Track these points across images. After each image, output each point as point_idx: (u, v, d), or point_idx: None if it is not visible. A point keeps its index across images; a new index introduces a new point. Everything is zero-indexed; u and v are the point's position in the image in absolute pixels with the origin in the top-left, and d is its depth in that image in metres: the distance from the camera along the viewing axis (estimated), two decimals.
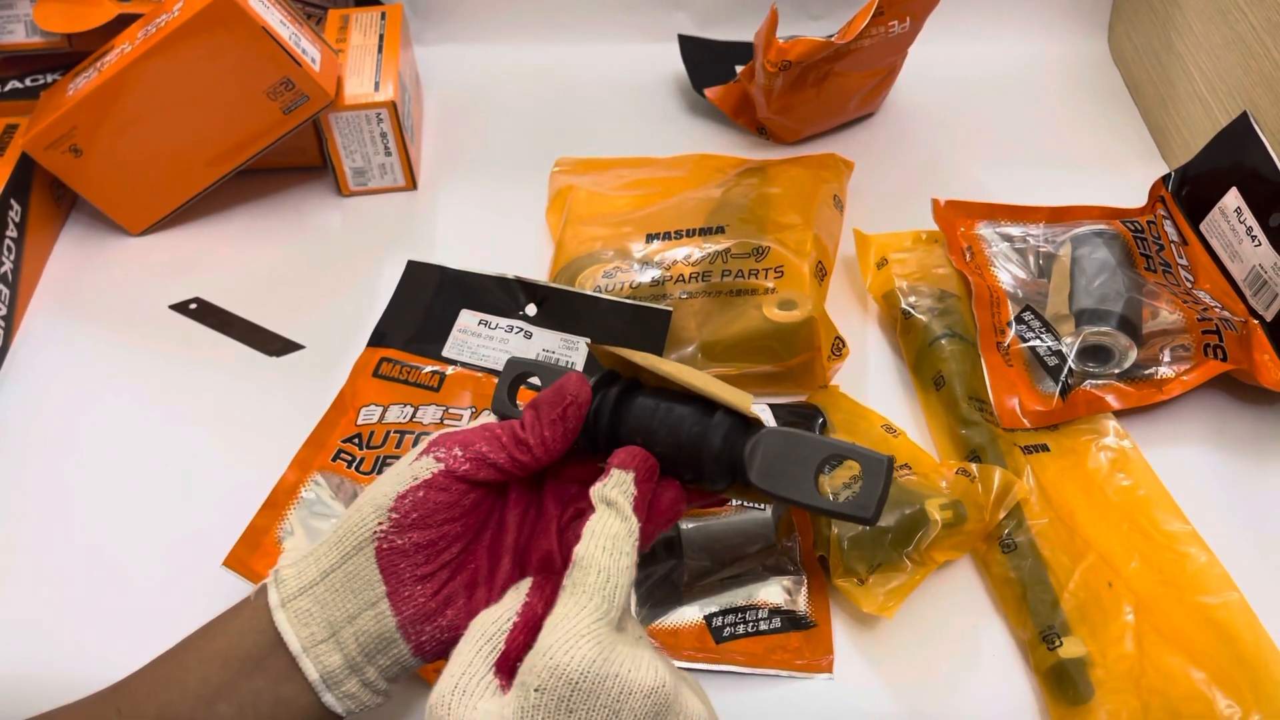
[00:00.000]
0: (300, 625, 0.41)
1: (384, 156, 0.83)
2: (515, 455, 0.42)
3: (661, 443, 0.43)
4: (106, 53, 0.77)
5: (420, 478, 0.42)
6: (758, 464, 0.41)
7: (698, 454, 0.42)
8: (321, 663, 0.41)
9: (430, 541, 0.42)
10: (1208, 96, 0.82)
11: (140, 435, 0.68)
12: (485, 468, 0.42)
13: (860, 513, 0.39)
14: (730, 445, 0.42)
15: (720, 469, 0.42)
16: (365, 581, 0.41)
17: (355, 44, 0.86)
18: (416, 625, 0.42)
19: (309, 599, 0.41)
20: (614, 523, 0.39)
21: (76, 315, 0.76)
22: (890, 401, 0.69)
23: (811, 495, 0.40)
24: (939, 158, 0.89)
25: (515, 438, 0.43)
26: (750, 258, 0.70)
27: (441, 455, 0.42)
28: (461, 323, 0.68)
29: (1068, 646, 0.54)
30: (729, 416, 0.42)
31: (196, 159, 0.79)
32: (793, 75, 0.81)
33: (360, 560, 0.41)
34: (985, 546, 0.60)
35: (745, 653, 0.57)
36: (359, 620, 0.41)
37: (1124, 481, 0.63)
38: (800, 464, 0.40)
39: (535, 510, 0.46)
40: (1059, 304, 0.70)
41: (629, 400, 0.44)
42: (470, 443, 0.43)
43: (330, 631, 0.41)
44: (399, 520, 0.41)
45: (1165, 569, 0.59)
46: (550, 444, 0.43)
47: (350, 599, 0.41)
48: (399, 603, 0.41)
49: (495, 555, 0.45)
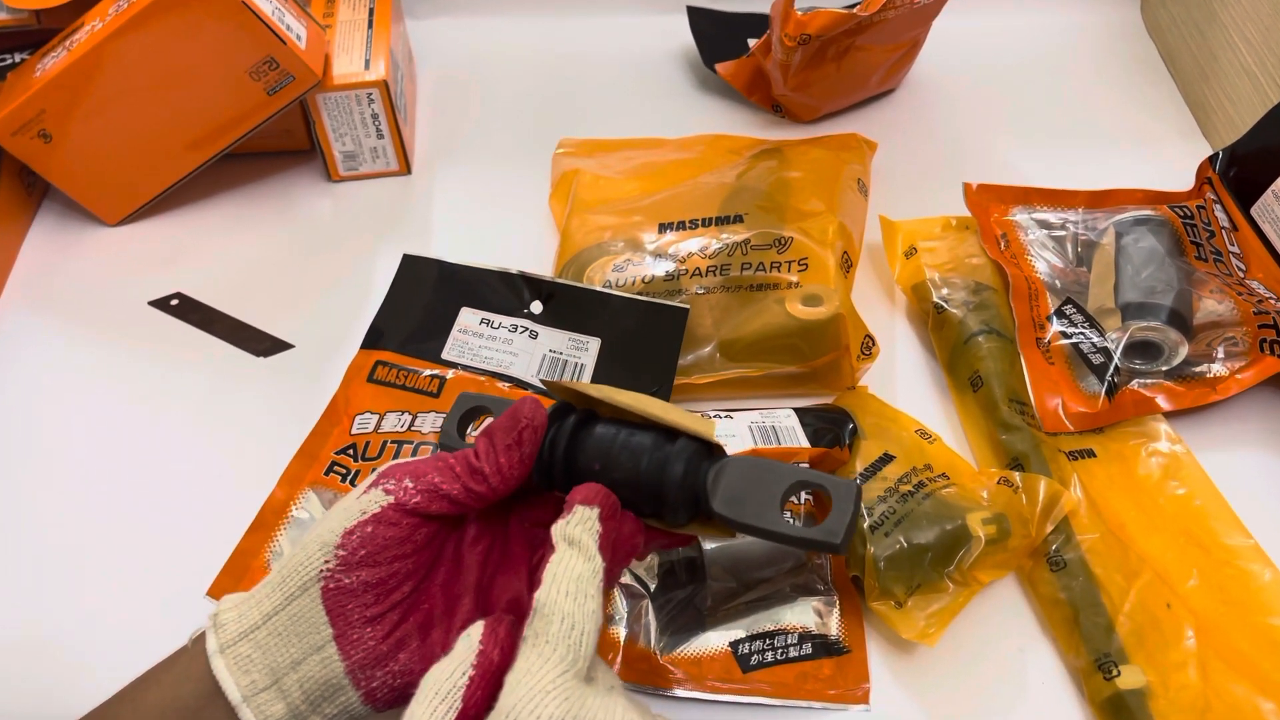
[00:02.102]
0: (240, 673, 0.38)
1: (376, 139, 0.78)
2: (470, 486, 0.40)
3: (622, 470, 0.40)
4: (76, 30, 0.72)
5: (369, 512, 0.39)
6: (721, 492, 0.40)
7: (659, 482, 0.40)
8: (263, 712, 0.38)
9: (380, 580, 0.39)
10: (1256, 70, 0.76)
11: (116, 445, 0.63)
12: (438, 500, 0.39)
13: (829, 539, 0.38)
14: (693, 472, 0.40)
15: (683, 498, 0.40)
16: (311, 624, 0.38)
17: (343, 19, 0.80)
18: (366, 670, 0.39)
19: (250, 644, 0.39)
20: (577, 563, 0.37)
21: (49, 312, 0.72)
22: (923, 404, 0.65)
23: (777, 523, 0.39)
24: (965, 136, 0.84)
25: (470, 467, 0.40)
26: (771, 249, 0.65)
27: (391, 487, 0.39)
28: (462, 322, 0.64)
29: (1126, 676, 0.50)
30: (691, 443, 0.41)
31: (175, 144, 0.74)
32: (812, 49, 0.76)
33: (305, 601, 0.38)
34: (1031, 564, 0.56)
35: (774, 682, 0.53)
36: (304, 666, 0.39)
37: (1178, 490, 0.59)
38: (765, 491, 0.39)
39: (500, 548, 0.43)
40: (1103, 296, 0.65)
41: (586, 429, 0.42)
42: (422, 474, 0.40)
43: (273, 679, 0.38)
44: (346, 558, 0.38)
45: (1227, 587, 0.54)
46: (507, 472, 0.40)
47: (295, 643, 0.39)
48: (347, 646, 0.39)
49: (453, 594, 0.42)
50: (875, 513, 0.55)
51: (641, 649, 0.53)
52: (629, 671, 0.52)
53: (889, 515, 0.54)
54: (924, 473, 0.57)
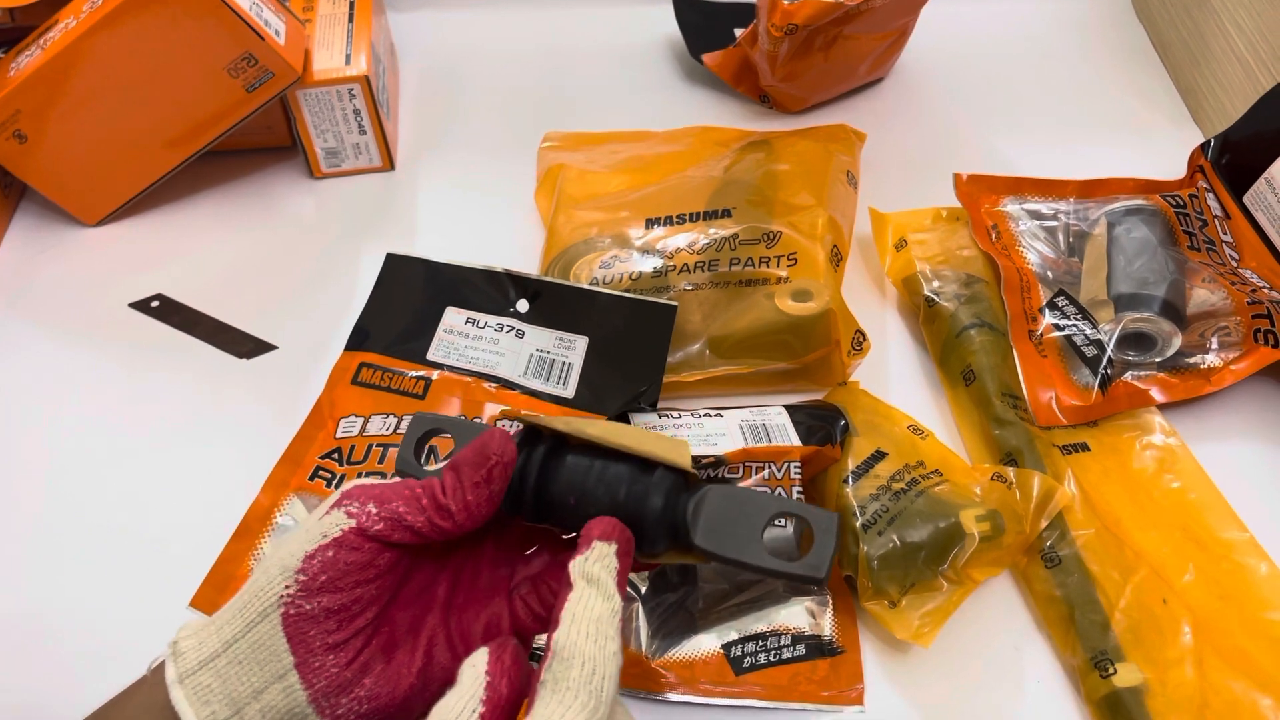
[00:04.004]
0: (200, 703, 0.37)
1: (358, 135, 0.77)
2: (435, 521, 0.38)
3: (598, 504, 0.39)
4: (50, 28, 0.71)
5: (330, 535, 0.38)
6: (701, 524, 0.39)
7: (639, 515, 0.39)
8: None
9: (342, 606, 0.38)
10: (1248, 56, 0.76)
11: (96, 450, 0.62)
12: (401, 530, 0.38)
13: (812, 573, 0.38)
14: (673, 505, 0.39)
15: (662, 530, 0.39)
16: (271, 652, 0.37)
17: (323, 13, 0.79)
18: (330, 698, 0.38)
19: (209, 673, 0.37)
20: (597, 603, 0.36)
21: (27, 315, 0.70)
22: (915, 399, 0.64)
23: (759, 556, 0.38)
24: (954, 125, 0.83)
25: (436, 502, 0.39)
26: (760, 243, 0.65)
27: (354, 511, 0.38)
28: (447, 321, 0.63)
29: (1123, 674, 0.50)
30: (669, 474, 0.40)
31: (154, 142, 0.73)
32: (799, 39, 0.75)
33: (266, 628, 0.37)
34: (1026, 561, 0.56)
35: (767, 684, 0.52)
36: (265, 695, 0.37)
37: (1173, 484, 0.58)
38: (746, 523, 0.39)
39: (471, 570, 0.42)
40: (1095, 288, 0.65)
41: (558, 459, 0.41)
42: (386, 500, 0.39)
43: (234, 709, 0.37)
44: (307, 583, 0.37)
45: (1223, 582, 0.54)
46: (474, 509, 0.39)
47: (256, 671, 0.37)
48: (309, 674, 0.37)
49: (418, 613, 0.41)
50: (868, 511, 0.54)
51: (633, 653, 0.52)
52: (621, 676, 0.52)
53: (882, 513, 0.54)
54: (917, 469, 0.56)
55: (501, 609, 0.41)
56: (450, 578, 0.42)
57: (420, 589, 0.41)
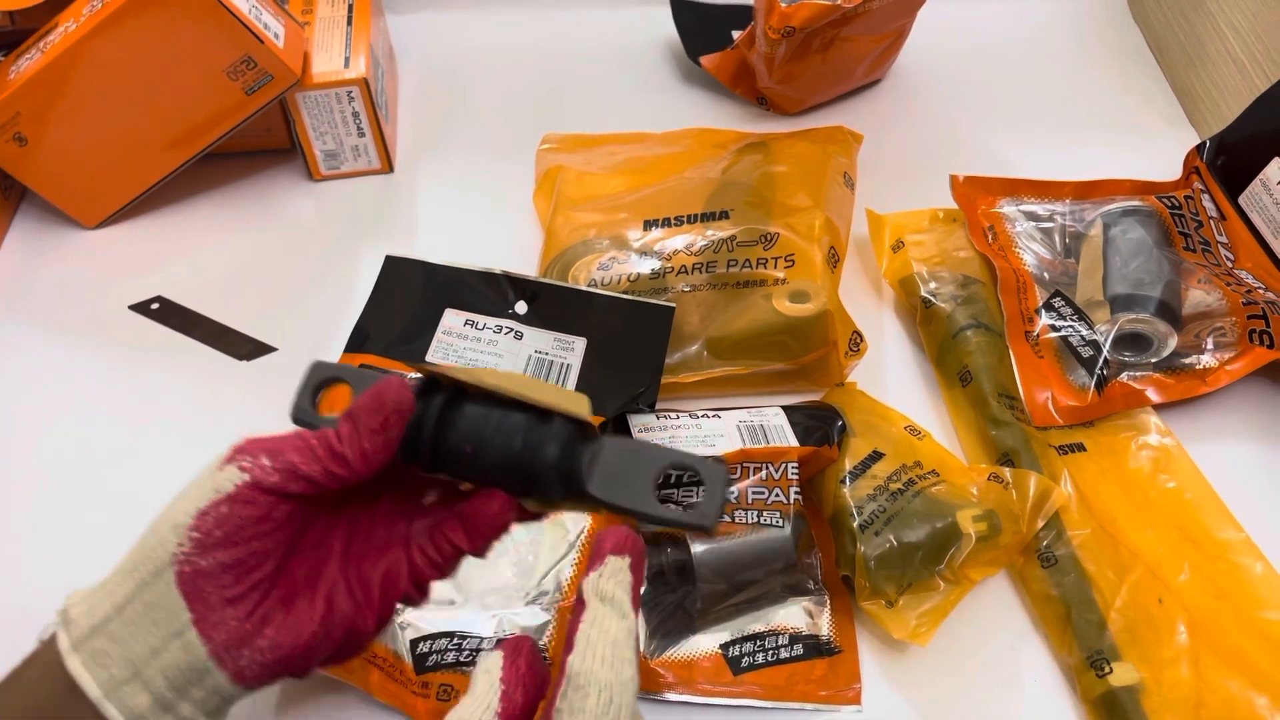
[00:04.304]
0: (97, 668, 0.37)
1: (357, 138, 0.77)
2: (331, 469, 0.38)
3: (495, 453, 0.39)
4: (50, 31, 0.71)
5: (223, 491, 0.37)
6: (596, 474, 0.40)
7: (534, 463, 0.39)
8: (126, 706, 0.37)
9: (238, 560, 0.37)
10: (1243, 57, 0.76)
11: (97, 452, 0.62)
12: (296, 480, 0.38)
13: (701, 522, 0.38)
14: (568, 455, 0.39)
15: (557, 479, 0.40)
16: (167, 611, 0.37)
17: (322, 16, 0.79)
18: (231, 651, 0.37)
19: (103, 638, 0.37)
20: (612, 624, 0.36)
21: (27, 317, 0.71)
22: (912, 399, 0.64)
23: (651, 505, 0.39)
24: (951, 126, 0.84)
25: (331, 450, 0.38)
26: (758, 245, 0.65)
27: (247, 465, 0.37)
28: (446, 323, 0.63)
29: (1119, 673, 0.50)
30: (567, 424, 0.40)
31: (153, 145, 0.73)
32: (796, 41, 0.76)
33: (159, 588, 0.37)
34: (1022, 560, 0.56)
35: (765, 684, 0.52)
36: (165, 654, 0.37)
37: (1168, 484, 0.59)
38: (639, 474, 0.39)
39: (367, 521, 0.42)
40: (1091, 289, 0.65)
41: (456, 408, 0.40)
42: (279, 451, 0.38)
43: (132, 671, 0.37)
44: (200, 540, 0.37)
45: (1219, 581, 0.54)
46: (370, 457, 0.38)
47: (152, 631, 0.37)
48: (208, 629, 0.37)
49: (316, 564, 0.40)
50: (865, 511, 0.54)
51: None
52: None
53: (879, 514, 0.54)
54: (914, 470, 0.56)
55: (400, 558, 0.41)
56: (347, 528, 0.41)
57: (317, 540, 0.40)
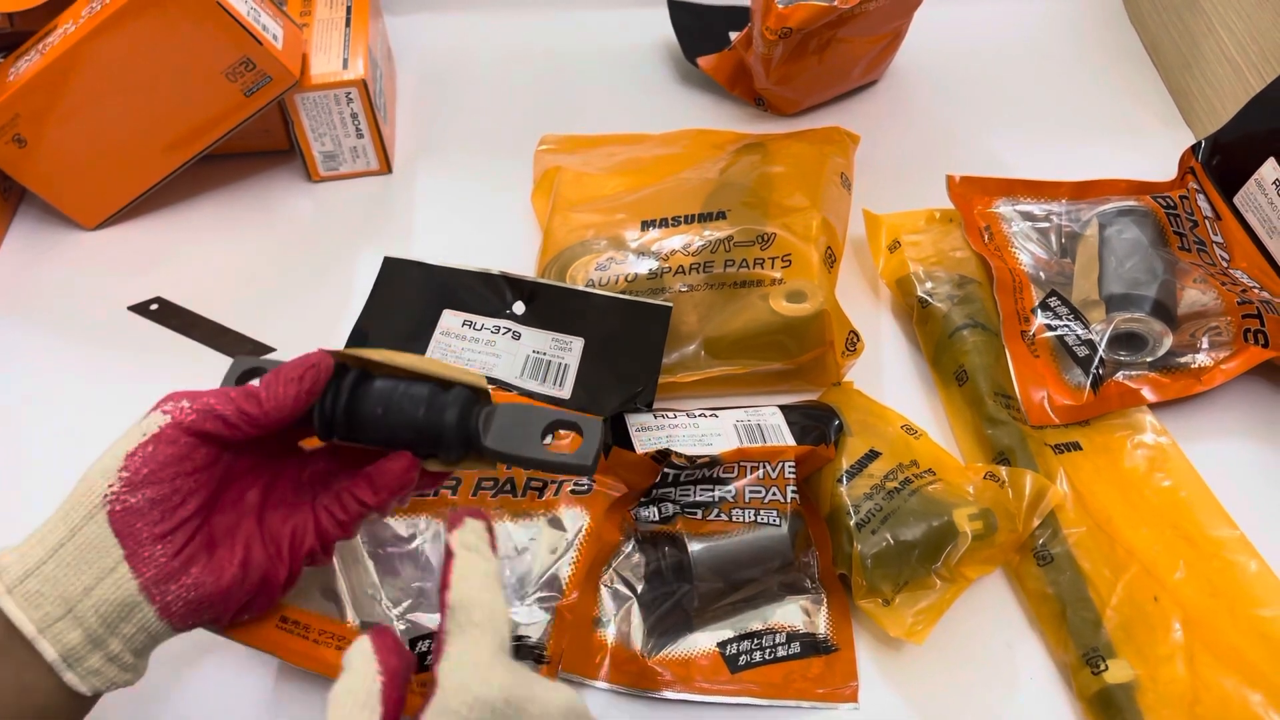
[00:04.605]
0: (31, 608, 0.40)
1: (355, 139, 0.77)
2: (243, 408, 0.42)
3: (403, 415, 0.44)
4: (49, 33, 0.71)
5: (149, 433, 0.41)
6: (491, 432, 0.45)
7: (437, 426, 0.44)
8: (60, 641, 0.40)
9: (164, 496, 0.41)
10: (1238, 58, 0.76)
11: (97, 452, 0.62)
12: (212, 419, 0.42)
13: (581, 461, 0.44)
14: (465, 416, 0.44)
15: (456, 439, 0.44)
16: (100, 549, 0.40)
17: (321, 17, 0.80)
18: (160, 585, 0.41)
19: (37, 580, 0.40)
20: (481, 562, 0.40)
21: (26, 319, 0.71)
22: (909, 399, 0.64)
23: (539, 452, 0.44)
24: (948, 127, 0.84)
25: (246, 392, 0.43)
26: (755, 245, 0.65)
27: (169, 408, 0.42)
28: (444, 324, 0.63)
29: (1114, 670, 0.50)
30: (464, 391, 0.45)
31: (152, 146, 0.73)
32: (793, 43, 0.76)
33: (92, 529, 0.40)
34: (1018, 559, 0.56)
35: (762, 682, 0.52)
36: (97, 590, 0.40)
37: (1164, 482, 0.59)
38: (528, 429, 0.45)
39: (280, 485, 0.46)
40: (1087, 288, 0.65)
41: (366, 383, 0.45)
42: (198, 396, 0.42)
43: (66, 608, 0.40)
44: (130, 479, 0.40)
45: (1214, 579, 0.54)
46: (281, 400, 0.43)
47: (85, 570, 0.40)
48: (139, 564, 0.40)
49: (235, 518, 0.44)
50: (862, 510, 0.54)
51: (629, 651, 0.53)
52: (617, 674, 0.52)
53: (875, 512, 0.54)
54: (910, 469, 0.57)
55: (306, 516, 0.45)
56: (262, 487, 0.45)
57: (235, 497, 0.44)
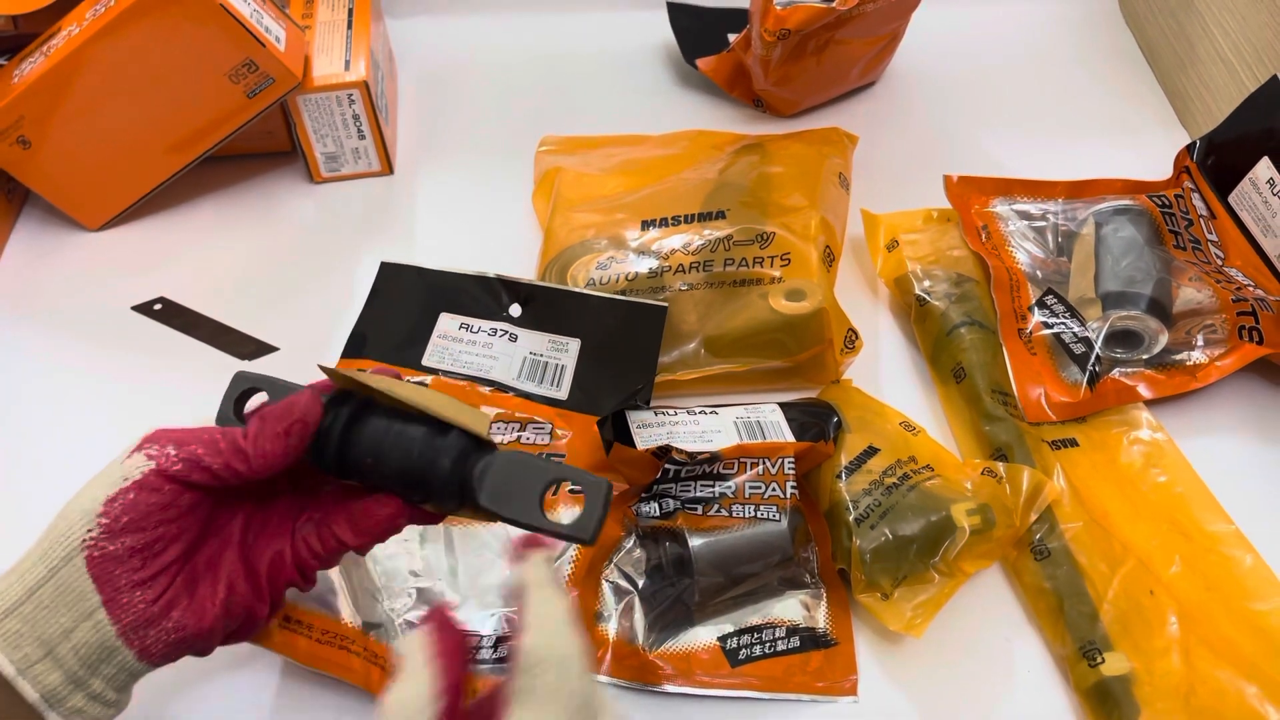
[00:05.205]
0: (11, 649, 0.38)
1: (357, 140, 0.78)
2: (231, 463, 0.40)
3: (393, 464, 0.42)
4: (53, 35, 0.72)
5: (130, 478, 0.40)
6: (487, 487, 0.42)
7: (428, 475, 0.42)
8: (40, 682, 0.38)
9: (145, 545, 0.39)
10: (1232, 58, 0.77)
11: (99, 451, 0.61)
12: (199, 471, 0.40)
13: (579, 534, 0.40)
14: (460, 468, 0.42)
15: (450, 491, 0.42)
16: (78, 593, 0.39)
17: (323, 19, 0.80)
18: (139, 631, 0.39)
19: (17, 620, 0.39)
20: (557, 601, 0.38)
21: (31, 319, 0.71)
22: (907, 396, 0.65)
23: (536, 517, 0.41)
24: (945, 128, 0.85)
25: (235, 446, 0.41)
26: (754, 244, 0.66)
27: (154, 453, 0.40)
28: (441, 327, 0.63)
29: (1110, 663, 0.51)
30: (462, 438, 0.42)
31: (155, 147, 0.74)
32: (792, 44, 0.76)
33: (69, 572, 0.39)
34: (1016, 553, 0.56)
35: (762, 676, 0.53)
36: (76, 633, 0.39)
37: (1160, 478, 0.59)
38: (527, 486, 0.42)
39: (265, 510, 0.44)
40: (1083, 286, 0.66)
41: (361, 420, 0.43)
42: (185, 442, 0.41)
43: (45, 650, 0.39)
44: (109, 525, 0.39)
45: (1209, 573, 0.55)
46: (270, 458, 0.41)
47: (64, 613, 0.39)
48: (117, 610, 0.39)
49: (217, 550, 0.43)
50: (861, 505, 0.55)
51: (630, 645, 0.53)
52: (618, 668, 0.53)
53: (874, 508, 0.55)
54: (908, 465, 0.57)
55: (284, 546, 0.43)
56: (245, 517, 0.43)
57: (219, 528, 0.43)
